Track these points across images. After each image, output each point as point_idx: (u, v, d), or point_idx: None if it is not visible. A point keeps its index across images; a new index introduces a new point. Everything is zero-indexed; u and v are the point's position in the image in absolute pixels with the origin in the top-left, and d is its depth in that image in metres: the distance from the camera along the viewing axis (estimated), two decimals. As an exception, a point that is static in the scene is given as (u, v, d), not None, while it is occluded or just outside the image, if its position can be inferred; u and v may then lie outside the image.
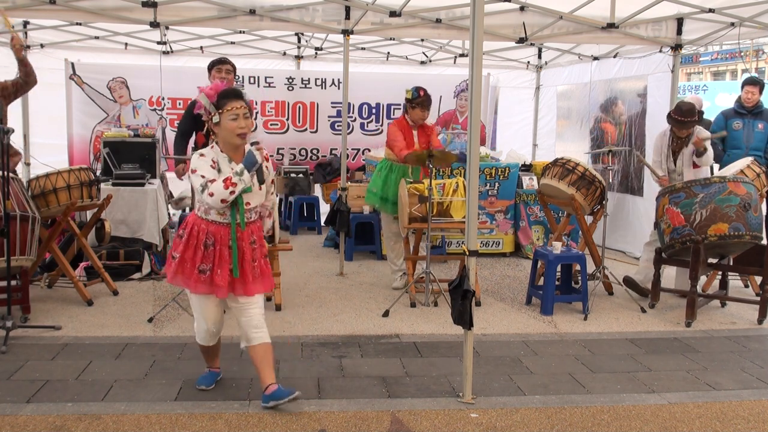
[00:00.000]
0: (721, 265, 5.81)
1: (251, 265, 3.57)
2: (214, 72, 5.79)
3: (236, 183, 3.38)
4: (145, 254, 6.54)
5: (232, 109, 3.42)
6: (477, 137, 3.61)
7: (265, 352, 3.61)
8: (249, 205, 3.54)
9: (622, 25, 6.58)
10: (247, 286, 3.57)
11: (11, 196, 4.78)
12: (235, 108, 3.42)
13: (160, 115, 8.92)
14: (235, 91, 3.50)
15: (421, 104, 5.95)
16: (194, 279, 3.51)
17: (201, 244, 3.50)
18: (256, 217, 3.65)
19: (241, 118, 3.44)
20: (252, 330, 3.59)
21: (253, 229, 3.61)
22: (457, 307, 3.75)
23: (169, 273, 3.58)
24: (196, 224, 3.54)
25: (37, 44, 8.49)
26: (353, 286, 6.38)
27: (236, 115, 3.43)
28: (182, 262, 3.52)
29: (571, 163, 6.13)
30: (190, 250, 3.51)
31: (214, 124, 3.48)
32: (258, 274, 3.61)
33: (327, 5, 6.41)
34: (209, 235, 3.51)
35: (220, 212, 3.50)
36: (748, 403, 3.89)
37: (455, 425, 3.51)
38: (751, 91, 6.99)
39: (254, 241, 3.61)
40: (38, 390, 3.79)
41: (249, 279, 3.56)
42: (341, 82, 6.85)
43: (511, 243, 7.83)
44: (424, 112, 5.98)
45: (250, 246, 3.58)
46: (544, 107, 10.03)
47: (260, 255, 3.65)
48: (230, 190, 3.37)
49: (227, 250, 3.51)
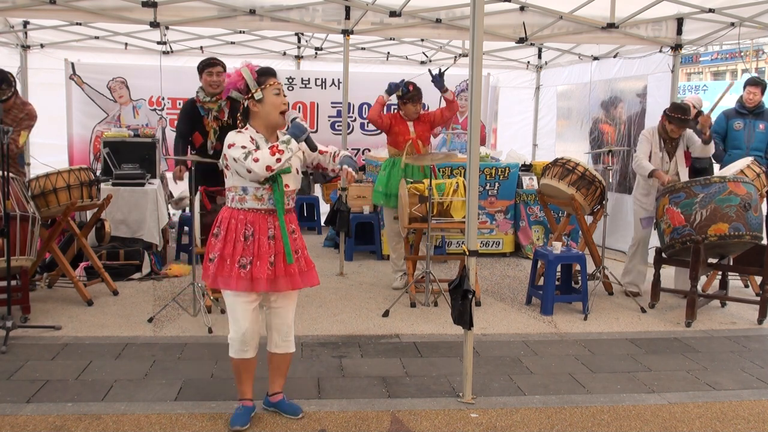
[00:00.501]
0: (721, 265, 5.81)
1: (294, 256, 3.34)
2: (205, 75, 5.59)
3: (283, 150, 3.17)
4: (145, 254, 6.54)
5: (275, 83, 3.31)
6: (477, 137, 3.61)
7: (284, 362, 3.51)
8: (288, 188, 3.32)
9: (622, 25, 6.58)
10: (293, 278, 3.32)
11: (11, 196, 4.78)
12: (277, 83, 3.32)
13: (160, 115, 8.92)
14: (273, 70, 3.48)
15: (412, 99, 5.99)
16: (235, 275, 3.24)
17: (240, 236, 3.25)
18: (293, 204, 3.42)
19: (282, 95, 3.33)
20: (282, 338, 3.45)
21: (290, 218, 3.39)
22: (457, 307, 3.75)
23: (209, 277, 3.30)
24: (232, 217, 3.29)
25: (37, 44, 8.49)
26: (353, 286, 6.38)
27: (278, 90, 3.31)
28: (222, 260, 3.26)
29: (571, 163, 6.12)
30: (229, 246, 3.25)
31: (255, 101, 3.28)
32: (303, 267, 3.39)
33: (327, 5, 6.41)
34: (248, 225, 3.26)
35: (258, 197, 3.27)
36: (748, 403, 3.89)
37: (455, 425, 3.51)
38: (753, 91, 6.99)
39: (293, 231, 3.38)
40: (38, 390, 3.79)
41: (294, 271, 3.33)
42: (341, 82, 6.85)
43: (511, 243, 7.83)
44: (416, 105, 6.01)
45: (291, 236, 3.34)
46: (544, 107, 10.03)
47: (301, 246, 3.43)
48: (276, 157, 3.14)
49: (266, 240, 3.26)
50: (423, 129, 6.08)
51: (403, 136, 6.01)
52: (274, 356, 3.50)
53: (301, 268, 3.37)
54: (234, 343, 3.35)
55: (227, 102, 5.55)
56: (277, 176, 3.24)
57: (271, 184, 3.25)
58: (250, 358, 3.39)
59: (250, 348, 3.37)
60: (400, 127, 6.04)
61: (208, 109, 5.63)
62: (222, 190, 5.38)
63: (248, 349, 3.36)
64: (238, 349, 3.35)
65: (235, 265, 3.23)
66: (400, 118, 6.09)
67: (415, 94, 5.99)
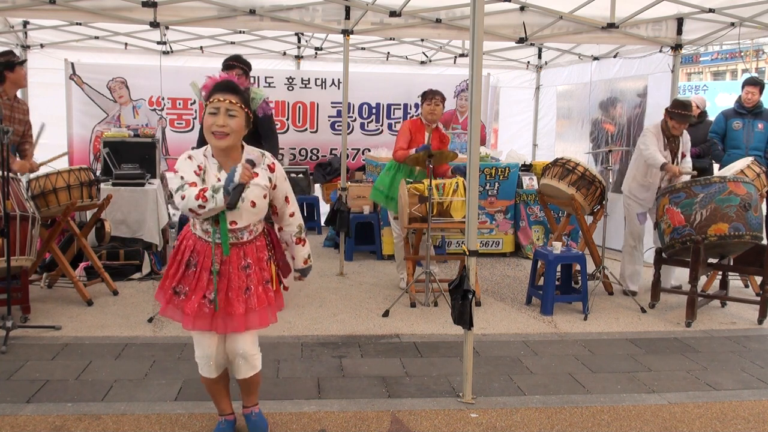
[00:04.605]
0: (721, 265, 5.81)
1: (241, 294, 2.98)
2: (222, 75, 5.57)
3: (207, 199, 2.81)
4: (145, 254, 6.54)
5: (214, 101, 2.88)
6: (477, 137, 3.61)
7: (251, 383, 3.22)
8: (235, 224, 2.96)
9: (622, 25, 6.58)
10: (235, 319, 2.97)
11: (11, 196, 4.78)
12: (218, 101, 2.87)
13: (160, 115, 8.92)
14: (228, 84, 2.96)
15: (425, 96, 5.98)
16: (167, 299, 3.03)
17: (184, 261, 3.00)
18: (251, 237, 3.03)
19: (221, 115, 2.86)
20: (241, 363, 3.12)
21: (246, 251, 3.01)
22: (457, 307, 3.75)
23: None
24: (185, 237, 3.06)
25: (37, 44, 8.49)
26: (353, 286, 6.38)
27: (216, 109, 2.87)
28: (165, 276, 3.06)
29: (571, 163, 6.13)
30: (174, 265, 3.04)
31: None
32: (253, 306, 3.00)
33: (327, 5, 6.41)
34: (194, 254, 3.00)
35: (204, 229, 2.98)
36: (748, 403, 3.88)
37: (455, 425, 3.51)
38: (752, 91, 7.00)
39: (248, 266, 3.01)
40: (38, 390, 3.78)
41: (238, 311, 2.97)
42: (341, 82, 6.85)
43: (511, 243, 7.83)
44: (430, 104, 5.96)
45: (240, 271, 2.99)
46: (544, 107, 10.03)
47: (257, 281, 3.03)
48: (199, 204, 2.81)
49: (206, 275, 2.96)
50: (438, 145, 6.05)
51: (418, 144, 5.98)
52: (239, 380, 3.22)
53: (251, 306, 3.00)
54: (199, 362, 3.14)
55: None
56: (219, 215, 2.92)
57: (213, 220, 2.95)
58: (217, 376, 3.17)
59: (214, 369, 3.13)
60: (417, 136, 6.02)
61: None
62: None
63: (213, 369, 3.13)
64: (203, 368, 3.14)
65: (171, 289, 3.02)
66: (420, 124, 6.07)
67: (428, 92, 5.99)
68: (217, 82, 3.01)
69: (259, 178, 2.99)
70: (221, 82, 2.99)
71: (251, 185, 2.93)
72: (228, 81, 3.01)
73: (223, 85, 2.95)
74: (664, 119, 5.94)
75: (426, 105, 5.98)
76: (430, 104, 5.96)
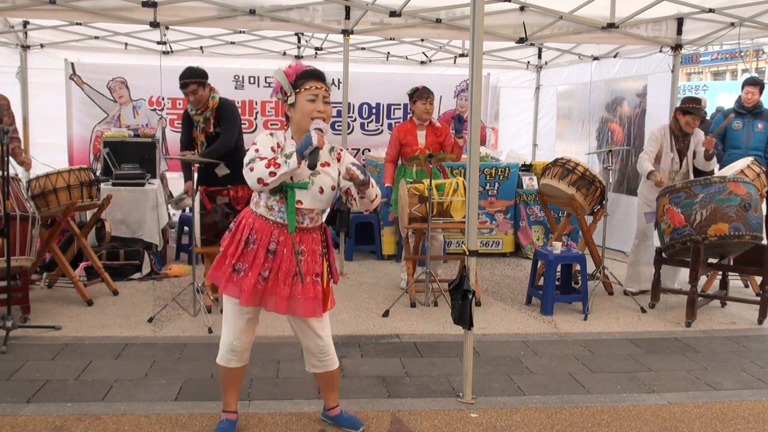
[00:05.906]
0: (721, 265, 5.81)
1: (288, 278, 3.05)
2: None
3: (280, 164, 2.89)
4: (145, 254, 6.55)
5: (311, 88, 3.03)
6: (477, 137, 3.61)
7: (329, 378, 3.35)
8: (301, 204, 3.05)
9: (622, 25, 6.58)
10: (279, 300, 3.06)
11: (11, 196, 4.78)
12: (315, 88, 3.04)
13: (160, 115, 8.92)
14: (316, 72, 3.11)
15: (420, 96, 5.97)
16: (226, 277, 3.08)
17: (243, 239, 3.07)
18: (311, 224, 3.12)
19: (319, 101, 3.04)
20: (316, 358, 3.27)
21: (303, 238, 3.09)
22: (457, 307, 3.75)
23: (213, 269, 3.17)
24: (245, 217, 3.14)
25: (37, 44, 8.48)
26: (353, 286, 6.38)
27: (314, 96, 3.03)
28: (223, 256, 3.12)
29: (571, 163, 6.13)
30: (233, 245, 3.09)
31: (289, 106, 3.09)
32: (298, 293, 3.07)
33: (327, 5, 6.42)
34: (252, 231, 3.07)
35: (268, 206, 3.07)
36: (748, 403, 3.88)
37: (455, 425, 3.51)
38: (751, 91, 7.00)
39: (301, 251, 3.08)
40: (38, 390, 3.78)
41: (283, 293, 3.05)
42: (341, 82, 6.85)
43: (511, 243, 7.83)
44: (425, 103, 5.96)
45: (291, 255, 3.06)
46: (544, 107, 10.03)
47: (308, 270, 3.10)
48: (270, 171, 2.88)
49: (264, 253, 3.04)
50: (433, 140, 6.03)
51: (411, 147, 5.97)
52: (315, 375, 3.38)
53: (294, 293, 3.07)
54: (222, 349, 3.21)
55: (213, 112, 5.48)
56: (288, 189, 3.02)
57: (281, 198, 3.06)
58: (235, 367, 3.22)
59: (237, 358, 3.20)
60: (408, 138, 6.00)
61: (195, 121, 5.56)
62: (222, 190, 5.41)
63: (234, 359, 3.19)
64: (224, 356, 3.20)
65: (230, 267, 3.07)
66: (410, 126, 6.05)
67: (423, 91, 5.98)
68: (310, 69, 3.14)
69: (331, 168, 3.15)
70: (314, 71, 3.13)
71: (322, 172, 3.08)
72: (318, 70, 3.16)
73: (317, 74, 3.12)
74: (674, 118, 5.97)
75: (420, 104, 5.97)
76: (425, 103, 5.96)
